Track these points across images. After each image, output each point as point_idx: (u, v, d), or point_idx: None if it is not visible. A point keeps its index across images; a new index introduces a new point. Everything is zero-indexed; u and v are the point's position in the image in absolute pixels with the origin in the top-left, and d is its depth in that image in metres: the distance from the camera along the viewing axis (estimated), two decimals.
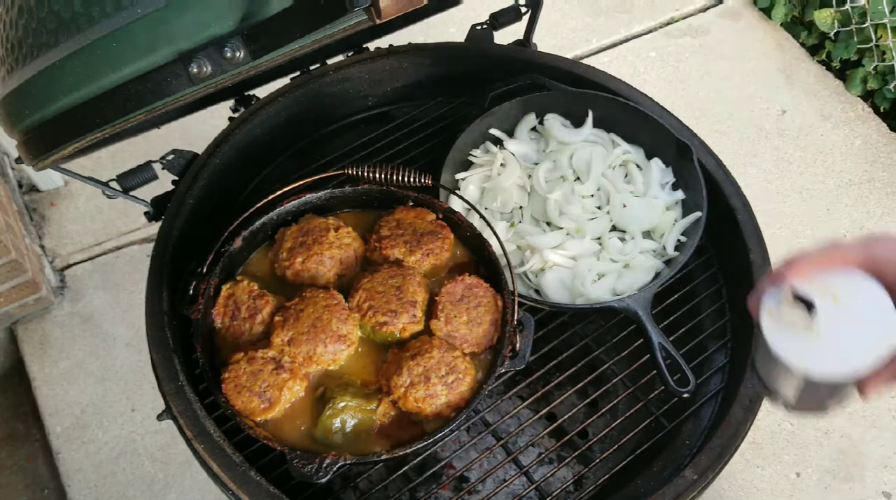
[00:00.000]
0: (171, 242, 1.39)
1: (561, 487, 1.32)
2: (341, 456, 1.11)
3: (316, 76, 1.63)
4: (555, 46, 2.85)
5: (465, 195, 1.49)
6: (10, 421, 2.23)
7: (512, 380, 1.49)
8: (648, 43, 2.99)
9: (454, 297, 1.28)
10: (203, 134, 1.62)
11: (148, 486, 2.06)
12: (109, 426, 2.14)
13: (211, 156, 1.51)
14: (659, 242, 1.47)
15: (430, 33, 1.98)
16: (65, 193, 2.56)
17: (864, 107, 2.79)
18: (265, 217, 1.35)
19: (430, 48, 1.72)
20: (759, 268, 1.39)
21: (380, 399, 1.21)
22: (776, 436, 2.16)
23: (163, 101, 0.95)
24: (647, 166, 1.53)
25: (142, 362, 2.21)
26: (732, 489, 2.09)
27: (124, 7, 0.90)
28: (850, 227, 2.53)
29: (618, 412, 1.40)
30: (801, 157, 2.68)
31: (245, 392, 1.18)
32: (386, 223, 1.36)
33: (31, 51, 0.96)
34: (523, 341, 1.22)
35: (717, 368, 1.40)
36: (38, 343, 2.27)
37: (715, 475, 1.23)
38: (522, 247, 1.47)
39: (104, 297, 2.35)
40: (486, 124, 1.58)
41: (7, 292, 2.16)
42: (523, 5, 1.69)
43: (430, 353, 1.21)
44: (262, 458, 1.22)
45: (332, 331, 1.23)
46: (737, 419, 1.26)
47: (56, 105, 0.99)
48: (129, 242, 2.47)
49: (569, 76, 1.63)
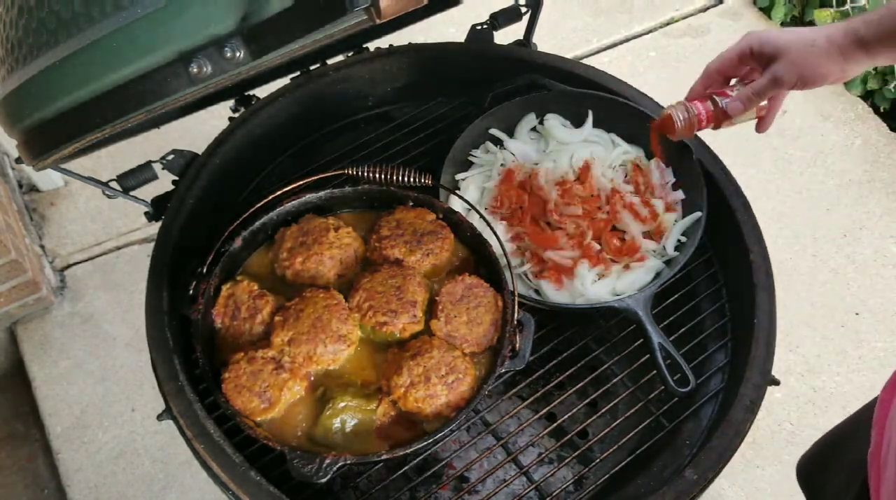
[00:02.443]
0: (171, 242, 1.39)
1: (561, 487, 1.32)
2: (341, 456, 1.11)
3: (316, 76, 1.63)
4: (555, 46, 2.85)
5: (465, 195, 1.49)
6: (10, 421, 2.23)
7: (512, 380, 1.49)
8: (648, 43, 2.99)
9: (454, 297, 1.28)
10: (203, 134, 1.62)
11: (148, 486, 2.06)
12: (109, 426, 2.14)
13: (211, 156, 1.51)
14: (659, 243, 1.47)
15: (430, 33, 1.98)
16: (65, 193, 2.56)
17: (864, 107, 2.79)
18: (265, 217, 1.35)
19: (430, 48, 1.72)
20: (759, 268, 1.39)
21: (380, 399, 1.21)
22: (776, 436, 2.16)
23: (163, 101, 0.95)
24: (647, 166, 1.53)
25: (142, 362, 2.21)
26: (732, 489, 2.09)
27: (124, 7, 0.90)
28: (850, 227, 2.53)
29: (618, 412, 1.40)
30: (801, 157, 2.68)
31: (245, 392, 1.18)
32: (386, 223, 1.36)
33: (31, 51, 0.96)
34: (523, 341, 1.22)
35: (717, 368, 1.40)
36: (38, 343, 2.27)
37: (715, 475, 1.23)
38: (522, 247, 1.47)
39: (104, 297, 2.35)
40: (486, 124, 1.58)
41: (7, 292, 2.16)
42: (523, 5, 1.69)
43: (430, 353, 1.21)
44: (262, 458, 1.22)
45: (332, 331, 1.23)
46: (737, 419, 1.26)
47: (56, 105, 0.99)
48: (129, 242, 2.47)
49: (569, 76, 1.63)
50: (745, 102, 1.26)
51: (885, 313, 2.37)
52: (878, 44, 1.11)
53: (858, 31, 1.12)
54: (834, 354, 2.30)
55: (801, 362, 2.29)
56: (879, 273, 2.44)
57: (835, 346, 2.31)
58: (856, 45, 1.13)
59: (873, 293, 2.40)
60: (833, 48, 1.14)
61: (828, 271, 2.45)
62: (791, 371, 2.26)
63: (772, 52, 1.19)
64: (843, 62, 1.15)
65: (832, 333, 2.33)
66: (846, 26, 1.13)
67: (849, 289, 2.41)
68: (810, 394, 2.23)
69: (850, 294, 2.40)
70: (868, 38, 1.11)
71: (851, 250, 2.49)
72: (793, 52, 1.16)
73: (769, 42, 1.19)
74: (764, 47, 1.20)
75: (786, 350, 2.29)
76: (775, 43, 1.18)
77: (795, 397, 2.22)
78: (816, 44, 1.14)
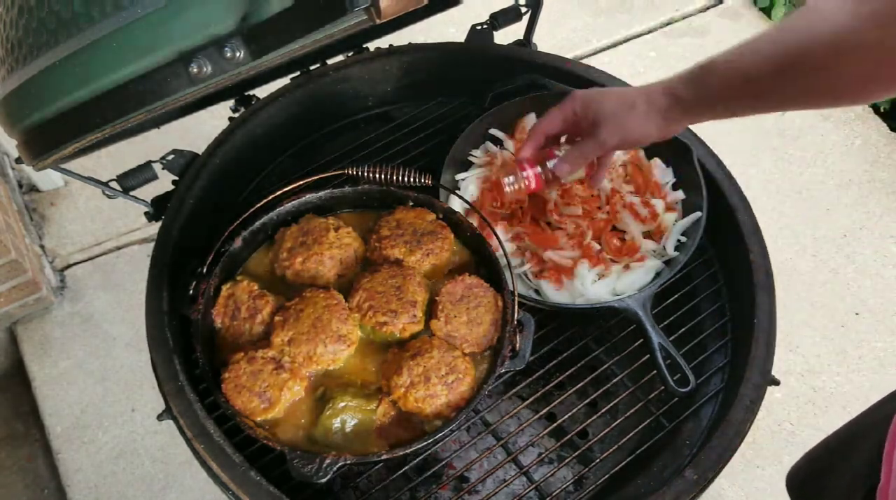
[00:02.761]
0: (171, 242, 1.39)
1: (561, 487, 1.32)
2: (341, 456, 1.11)
3: (316, 76, 1.63)
4: (555, 46, 2.85)
5: (465, 195, 1.49)
6: (10, 421, 2.23)
7: (512, 380, 1.49)
8: (648, 43, 2.99)
9: (454, 297, 1.28)
10: (203, 134, 1.62)
11: (148, 486, 2.06)
12: (109, 426, 2.14)
13: (211, 156, 1.51)
14: (659, 243, 1.47)
15: (430, 33, 1.98)
16: (65, 193, 2.56)
17: (865, 107, 2.79)
18: (265, 217, 1.35)
19: (430, 48, 1.72)
20: (759, 268, 1.39)
21: (380, 399, 1.21)
22: (776, 436, 2.16)
23: (163, 101, 0.94)
24: (647, 166, 1.53)
25: (142, 362, 2.21)
26: (732, 489, 2.09)
27: (124, 7, 0.89)
28: (850, 227, 2.53)
29: (618, 412, 1.40)
30: (801, 157, 2.68)
31: (245, 392, 1.18)
32: (386, 223, 1.36)
33: (31, 51, 0.96)
34: (523, 341, 1.22)
35: (717, 368, 1.40)
36: (38, 343, 2.27)
37: (715, 475, 1.23)
38: (522, 247, 1.47)
39: (104, 297, 2.35)
40: (486, 124, 1.58)
41: (7, 292, 2.16)
42: (523, 5, 1.69)
43: (430, 353, 1.21)
44: (262, 458, 1.22)
45: (332, 331, 1.23)
46: (737, 418, 1.26)
47: (56, 105, 0.99)
48: (129, 242, 2.47)
49: (569, 76, 1.62)
50: (572, 163, 1.29)
51: (885, 313, 2.37)
52: (693, 102, 1.13)
53: (677, 91, 1.14)
54: (834, 354, 2.30)
55: (801, 362, 2.29)
56: (879, 273, 2.44)
57: (835, 346, 2.31)
58: (674, 105, 1.15)
59: (873, 293, 2.40)
60: (653, 110, 1.16)
61: (828, 271, 2.45)
62: (791, 371, 2.26)
63: (593, 117, 1.22)
64: (662, 122, 1.17)
65: (832, 333, 2.33)
66: (665, 87, 1.15)
67: (849, 289, 2.41)
68: (810, 394, 2.23)
69: (850, 294, 2.40)
70: (684, 96, 1.13)
71: (851, 250, 2.49)
72: (613, 117, 1.19)
73: (590, 106, 1.23)
74: (587, 111, 1.23)
75: (786, 350, 2.29)
76: (597, 108, 1.21)
77: (795, 397, 2.23)
78: (636, 107, 1.17)
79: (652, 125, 1.18)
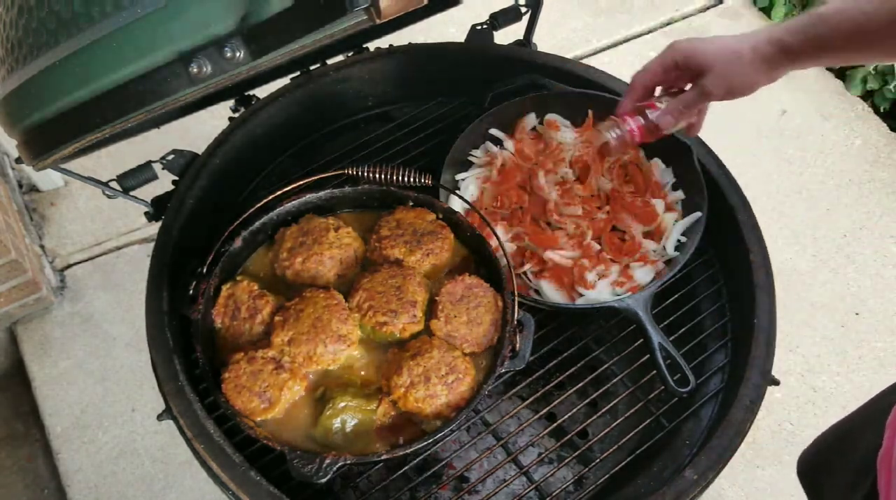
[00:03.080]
0: (171, 242, 1.39)
1: (561, 487, 1.32)
2: (341, 456, 1.11)
3: (316, 76, 1.63)
4: (555, 46, 2.85)
5: (465, 195, 1.49)
6: (10, 421, 2.23)
7: (512, 380, 1.49)
8: (648, 43, 2.99)
9: (454, 297, 1.28)
10: (203, 134, 1.62)
11: (148, 486, 2.06)
12: (109, 426, 2.14)
13: (211, 156, 1.51)
14: (659, 243, 1.47)
15: (430, 33, 1.98)
16: (65, 193, 2.56)
17: (864, 107, 2.79)
18: (265, 217, 1.35)
19: (431, 48, 1.72)
20: (759, 268, 1.39)
21: (380, 399, 1.21)
22: (776, 436, 2.16)
23: (163, 101, 0.94)
24: (647, 166, 1.53)
25: (142, 362, 2.21)
26: (732, 489, 2.09)
27: (124, 7, 0.89)
28: (850, 227, 2.53)
29: (618, 412, 1.40)
30: (801, 157, 2.68)
31: (245, 392, 1.18)
32: (386, 223, 1.36)
33: (31, 51, 0.96)
34: (523, 341, 1.22)
35: (717, 368, 1.40)
36: (38, 343, 2.27)
37: (715, 475, 1.23)
38: (522, 247, 1.47)
39: (104, 297, 2.35)
40: (486, 124, 1.58)
41: (7, 292, 2.16)
42: (523, 5, 1.69)
43: (430, 353, 1.21)
44: (262, 458, 1.22)
45: (332, 331, 1.23)
46: (737, 418, 1.26)
47: (56, 105, 0.99)
48: (129, 242, 2.47)
49: (569, 76, 1.63)
50: (675, 115, 1.26)
51: (885, 313, 2.37)
52: (802, 51, 1.13)
53: (783, 40, 1.13)
54: (834, 354, 2.30)
55: (801, 362, 2.29)
56: (879, 273, 2.44)
57: (835, 346, 2.31)
58: (781, 54, 1.14)
59: (873, 293, 2.40)
60: (759, 59, 1.15)
61: (828, 271, 2.45)
62: (791, 371, 2.26)
63: (698, 66, 1.20)
64: (768, 71, 1.17)
65: (832, 333, 2.33)
66: (769, 36, 1.15)
67: (849, 289, 2.41)
68: (810, 394, 2.23)
69: (850, 294, 2.40)
70: (793, 46, 1.13)
71: (851, 250, 2.49)
72: (719, 65, 1.18)
73: (694, 56, 1.20)
74: (689, 61, 1.21)
75: (786, 350, 2.29)
76: (701, 56, 1.19)
77: (795, 397, 2.22)
78: (742, 55, 1.16)
79: (759, 74, 1.17)
